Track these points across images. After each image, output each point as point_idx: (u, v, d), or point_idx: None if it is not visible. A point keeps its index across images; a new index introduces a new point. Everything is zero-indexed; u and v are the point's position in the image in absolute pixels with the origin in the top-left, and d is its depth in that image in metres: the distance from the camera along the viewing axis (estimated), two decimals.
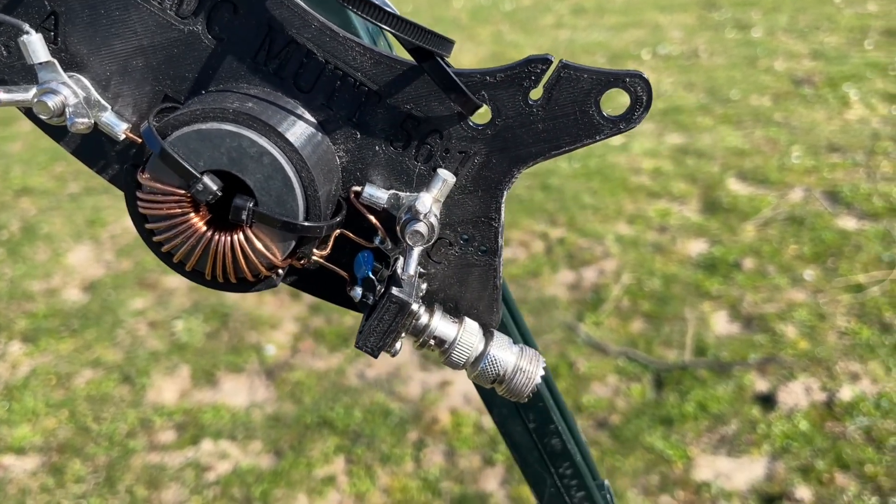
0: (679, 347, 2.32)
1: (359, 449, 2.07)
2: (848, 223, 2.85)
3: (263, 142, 0.38)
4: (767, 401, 2.10)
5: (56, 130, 0.43)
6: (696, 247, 2.82)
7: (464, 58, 5.37)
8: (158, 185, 0.39)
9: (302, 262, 0.43)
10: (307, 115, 0.41)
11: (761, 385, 2.15)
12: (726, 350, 2.28)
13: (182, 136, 0.38)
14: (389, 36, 0.44)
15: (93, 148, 0.44)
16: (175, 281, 2.87)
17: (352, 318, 2.55)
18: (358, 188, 0.43)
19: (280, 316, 2.62)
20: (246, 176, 0.39)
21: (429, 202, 0.41)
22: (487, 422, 2.09)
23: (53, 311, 2.73)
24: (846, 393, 2.08)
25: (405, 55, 0.40)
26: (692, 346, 2.32)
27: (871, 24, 5.10)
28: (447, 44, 0.39)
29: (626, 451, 1.99)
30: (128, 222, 3.28)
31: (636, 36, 5.50)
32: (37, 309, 2.74)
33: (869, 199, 2.97)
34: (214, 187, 0.38)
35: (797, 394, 2.10)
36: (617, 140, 3.78)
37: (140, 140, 0.42)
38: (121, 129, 0.42)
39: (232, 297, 2.72)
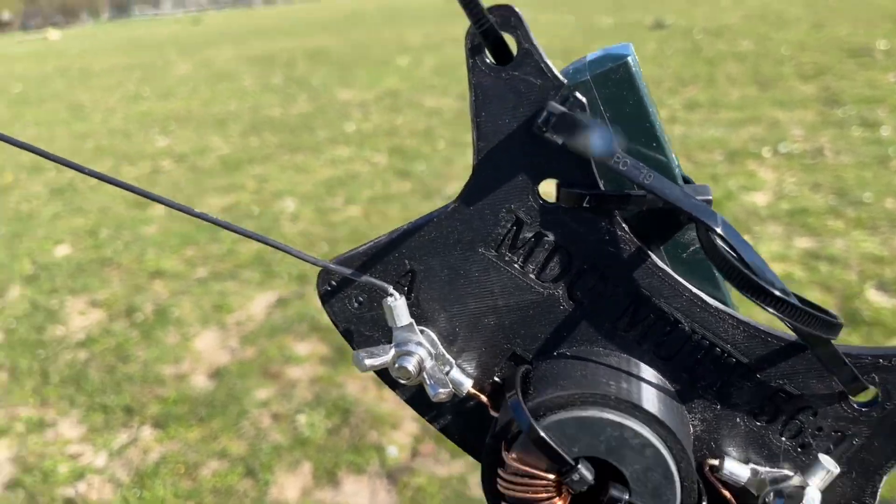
0: None
1: None
2: None
3: (646, 433, 0.36)
4: None
5: (392, 379, 0.43)
6: None
7: None
8: (527, 469, 0.37)
9: None
10: (671, 388, 0.39)
11: None
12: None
13: (559, 421, 0.37)
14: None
15: (428, 399, 0.43)
16: (297, 372, 2.91)
17: None
18: (713, 462, 0.40)
19: (400, 414, 2.60)
20: (624, 466, 0.36)
21: (817, 497, 0.37)
22: None
23: (183, 396, 2.81)
24: None
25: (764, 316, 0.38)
26: None
27: None
28: (836, 327, 0.36)
29: None
30: (252, 309, 3.39)
31: (754, 132, 5.40)
32: (167, 394, 2.83)
33: None
34: (590, 477, 0.36)
35: None
36: None
37: (482, 397, 0.41)
38: (466, 387, 0.41)
39: (353, 392, 2.73)
